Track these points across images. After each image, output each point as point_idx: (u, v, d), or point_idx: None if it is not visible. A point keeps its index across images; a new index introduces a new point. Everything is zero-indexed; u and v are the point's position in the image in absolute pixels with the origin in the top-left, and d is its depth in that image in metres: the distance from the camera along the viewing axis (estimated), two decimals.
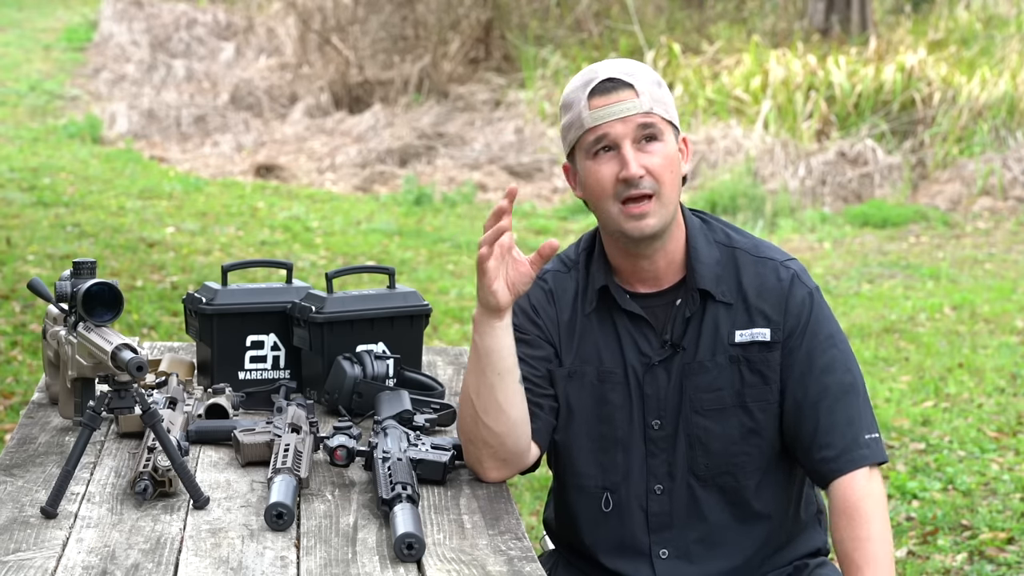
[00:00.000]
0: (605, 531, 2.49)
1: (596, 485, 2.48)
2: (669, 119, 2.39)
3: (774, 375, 2.41)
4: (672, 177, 2.37)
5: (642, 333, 2.44)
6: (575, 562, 2.59)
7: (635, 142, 2.36)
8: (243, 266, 3.01)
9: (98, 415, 2.21)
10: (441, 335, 6.94)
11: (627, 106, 2.35)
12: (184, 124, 13.23)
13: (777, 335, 2.41)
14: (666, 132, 2.38)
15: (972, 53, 12.79)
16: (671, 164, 2.37)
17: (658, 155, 2.36)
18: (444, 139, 12.47)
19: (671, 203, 2.39)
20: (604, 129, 2.36)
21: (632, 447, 2.45)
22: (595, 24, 14.53)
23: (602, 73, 2.38)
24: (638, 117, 2.35)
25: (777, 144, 11.14)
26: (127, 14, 17.35)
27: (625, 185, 2.35)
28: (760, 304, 2.42)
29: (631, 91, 2.36)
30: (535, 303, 2.49)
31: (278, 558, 2.04)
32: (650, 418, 2.44)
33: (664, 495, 2.45)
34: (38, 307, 6.89)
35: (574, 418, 2.48)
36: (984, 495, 4.98)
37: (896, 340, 7.13)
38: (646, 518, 2.46)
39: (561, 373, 2.48)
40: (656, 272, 2.44)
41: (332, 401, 2.76)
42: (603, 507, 2.48)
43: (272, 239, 9.08)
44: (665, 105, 2.39)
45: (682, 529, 2.46)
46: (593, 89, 2.37)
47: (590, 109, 2.37)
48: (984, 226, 10.26)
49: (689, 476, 2.44)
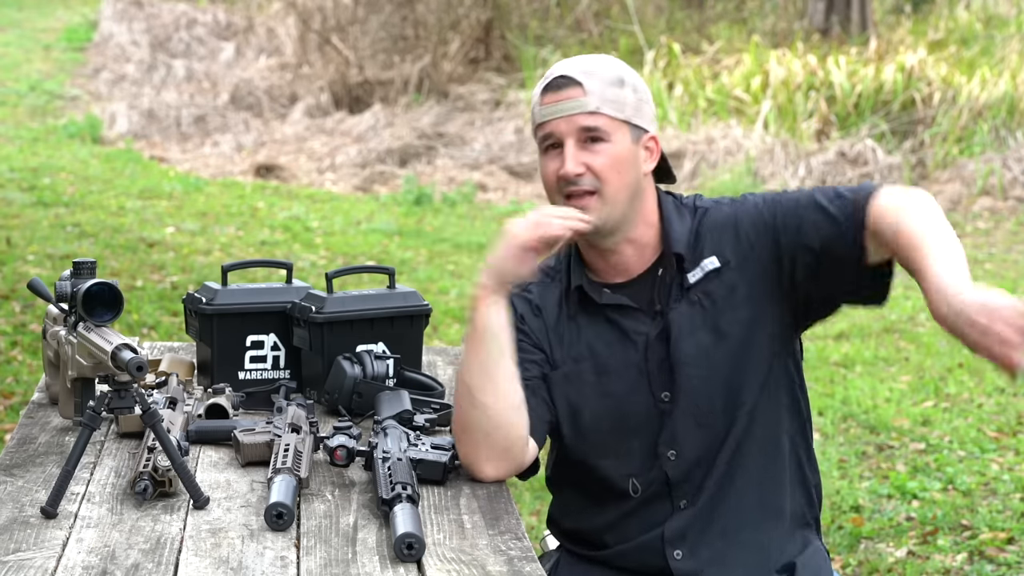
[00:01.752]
0: (631, 511, 2.50)
1: (621, 474, 2.49)
2: (624, 119, 2.40)
3: (738, 292, 2.43)
4: (619, 176, 2.40)
5: (631, 317, 2.46)
6: (581, 558, 2.59)
7: (579, 141, 2.39)
8: (243, 266, 3.01)
9: (98, 415, 2.21)
10: (441, 335, 6.94)
11: (571, 105, 2.39)
12: (184, 124, 13.23)
13: (725, 256, 2.44)
14: (616, 132, 2.39)
15: (972, 53, 12.79)
16: (617, 164, 2.39)
17: (602, 155, 2.39)
18: (444, 139, 12.47)
19: (617, 201, 2.41)
20: (550, 127, 2.41)
21: (647, 427, 2.46)
22: (595, 24, 14.53)
23: (559, 70, 2.42)
24: (581, 117, 2.38)
25: (777, 144, 11.15)
26: (127, 14, 17.35)
27: (565, 182, 2.40)
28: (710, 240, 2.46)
29: (579, 89, 2.39)
30: (521, 313, 2.51)
31: (278, 558, 2.04)
32: (658, 392, 2.46)
33: (679, 458, 2.46)
34: (38, 307, 6.90)
35: (581, 417, 2.49)
36: (984, 495, 4.98)
37: (896, 340, 7.13)
38: (667, 481, 2.47)
39: (557, 376, 2.49)
40: (627, 263, 2.47)
41: (332, 401, 2.76)
42: (631, 492, 2.49)
43: (272, 239, 9.08)
44: (619, 105, 2.40)
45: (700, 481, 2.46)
46: (546, 86, 2.42)
47: (541, 105, 2.42)
48: (984, 226, 10.27)
49: (695, 428, 2.45)
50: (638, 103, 2.42)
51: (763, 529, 2.50)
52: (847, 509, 4.84)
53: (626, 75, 2.42)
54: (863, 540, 4.59)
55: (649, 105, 2.45)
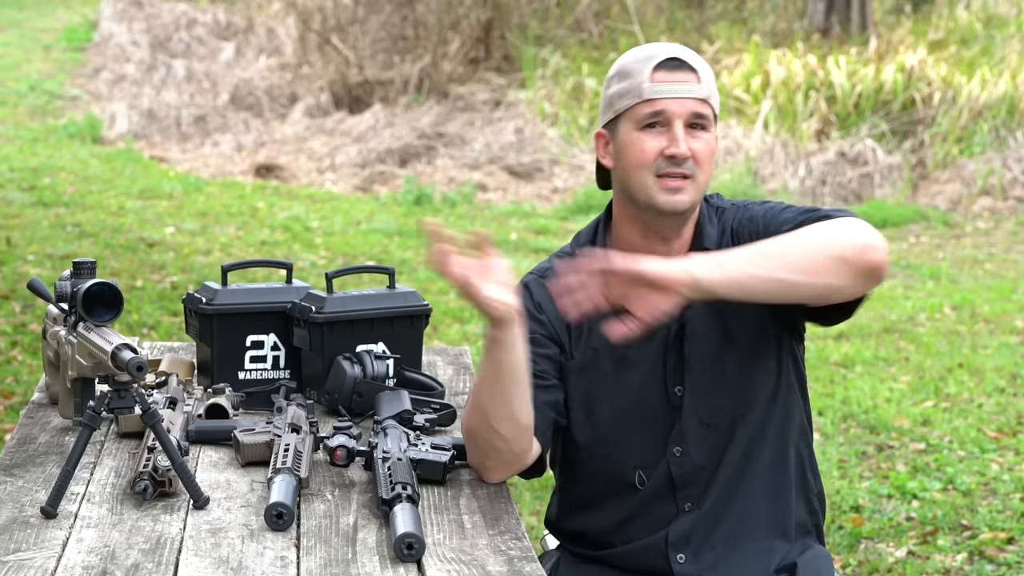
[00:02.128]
0: (636, 508, 2.50)
1: (629, 466, 2.49)
2: (717, 113, 2.45)
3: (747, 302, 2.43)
4: (709, 167, 2.43)
5: None
6: (581, 557, 2.59)
7: (687, 125, 2.40)
8: (243, 266, 3.01)
9: (98, 415, 2.21)
10: (441, 335, 6.94)
11: (689, 88, 2.39)
12: (184, 124, 13.23)
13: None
14: (713, 125, 2.43)
15: (972, 53, 12.78)
16: (712, 155, 2.43)
17: (704, 143, 2.41)
18: (444, 139, 12.47)
19: (702, 191, 2.44)
20: (663, 104, 2.39)
21: (659, 420, 2.47)
22: (595, 24, 14.52)
23: (669, 51, 2.41)
24: (695, 103, 2.40)
25: (777, 144, 11.15)
26: (127, 14, 17.34)
27: (668, 161, 2.38)
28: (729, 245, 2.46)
29: (695, 75, 2.40)
30: (538, 301, 2.50)
31: (278, 558, 2.04)
32: (672, 386, 2.46)
33: (685, 456, 2.47)
34: (38, 307, 6.89)
35: (596, 407, 2.49)
36: (984, 495, 4.98)
37: (896, 340, 7.13)
38: (671, 480, 2.47)
39: (573, 366, 2.48)
40: (668, 255, 2.44)
41: (332, 401, 2.76)
42: (637, 485, 2.49)
43: (272, 239, 9.08)
44: (717, 99, 2.44)
45: (705, 482, 2.47)
46: (660, 63, 2.40)
47: (652, 82, 2.39)
48: (984, 226, 10.27)
49: (701, 427, 2.46)
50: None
51: (767, 538, 2.50)
52: (847, 509, 4.84)
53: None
54: (863, 540, 4.59)
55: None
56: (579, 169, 11.50)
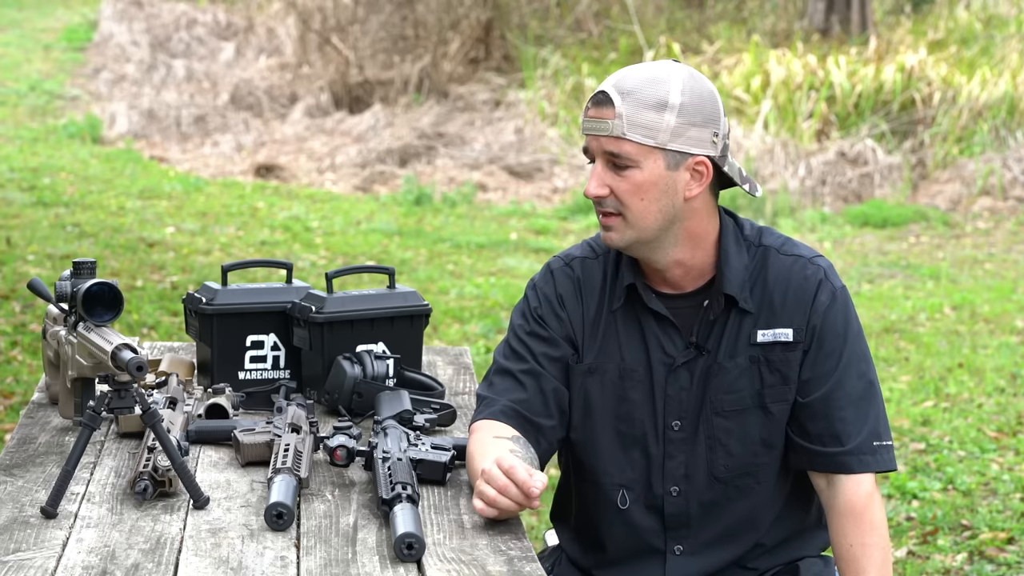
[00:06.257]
0: (620, 527, 2.49)
1: (613, 482, 2.47)
2: (656, 145, 2.30)
3: (794, 374, 2.41)
4: (642, 203, 2.32)
5: (667, 334, 2.42)
6: (580, 560, 2.59)
7: (606, 163, 2.35)
8: (243, 266, 3.01)
9: (98, 415, 2.21)
10: (441, 335, 6.94)
11: (600, 126, 2.33)
12: (184, 124, 13.22)
13: (800, 335, 2.40)
14: (645, 158, 2.30)
15: (972, 53, 12.79)
16: (641, 191, 2.32)
17: (626, 181, 2.32)
18: (444, 139, 12.47)
19: (644, 226, 2.34)
20: (587, 141, 2.38)
21: (651, 447, 2.45)
22: (595, 24, 14.52)
23: (605, 84, 2.35)
24: (607, 141, 2.33)
25: (777, 144, 11.15)
26: (127, 14, 17.34)
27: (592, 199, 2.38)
28: (785, 303, 2.40)
29: (611, 111, 2.31)
30: (562, 292, 2.48)
31: (278, 558, 2.04)
32: (670, 419, 2.44)
33: (680, 496, 2.45)
34: (38, 307, 6.90)
35: (593, 414, 2.47)
36: (984, 495, 4.98)
37: (896, 340, 7.13)
38: (662, 518, 2.47)
39: (580, 368, 2.47)
40: (675, 279, 2.43)
41: (332, 401, 2.76)
42: (619, 504, 2.48)
43: (272, 239, 9.08)
44: (651, 131, 2.29)
45: (699, 529, 2.47)
46: (591, 97, 2.38)
47: (584, 117, 2.38)
48: (984, 226, 10.27)
49: (708, 478, 2.44)
50: (680, 127, 2.30)
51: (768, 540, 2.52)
52: None
53: (673, 96, 2.29)
54: None
55: (701, 127, 2.31)
56: (579, 169, 11.50)
